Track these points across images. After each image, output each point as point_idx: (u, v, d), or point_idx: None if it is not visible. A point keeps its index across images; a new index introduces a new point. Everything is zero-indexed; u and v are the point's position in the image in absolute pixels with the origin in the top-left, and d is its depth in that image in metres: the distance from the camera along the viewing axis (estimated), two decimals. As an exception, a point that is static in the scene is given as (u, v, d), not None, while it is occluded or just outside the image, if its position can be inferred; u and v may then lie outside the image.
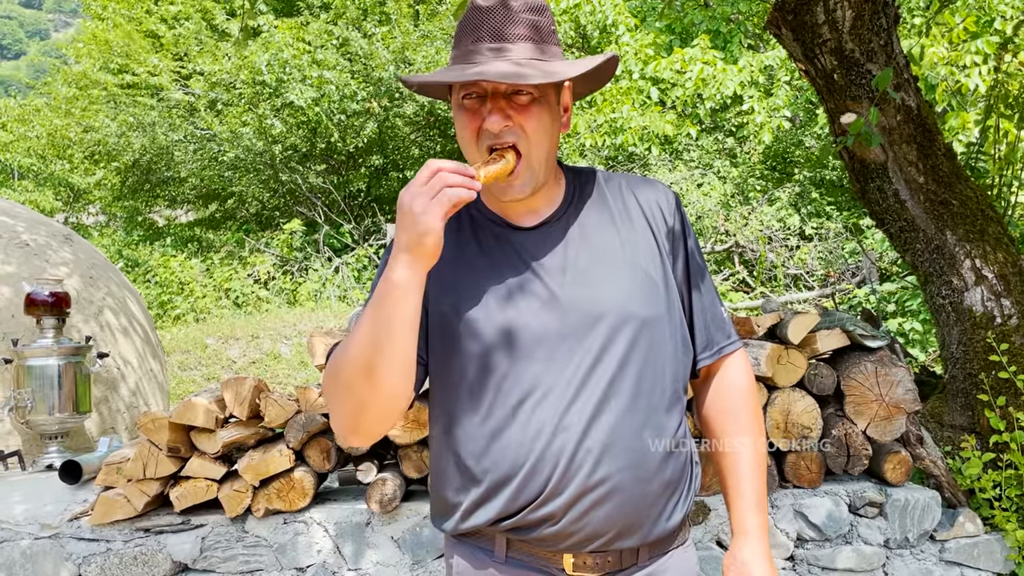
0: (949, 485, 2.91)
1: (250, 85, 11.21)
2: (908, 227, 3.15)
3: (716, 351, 1.50)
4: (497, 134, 1.32)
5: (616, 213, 1.45)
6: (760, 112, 9.92)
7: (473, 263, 1.41)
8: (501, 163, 1.29)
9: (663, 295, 1.41)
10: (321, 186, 11.92)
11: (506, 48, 1.32)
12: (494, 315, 1.35)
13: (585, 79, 1.45)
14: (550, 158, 1.39)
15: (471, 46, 1.33)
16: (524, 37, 1.32)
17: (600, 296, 1.36)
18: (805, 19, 3.01)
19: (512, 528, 1.37)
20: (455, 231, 1.45)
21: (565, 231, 1.42)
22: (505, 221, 1.44)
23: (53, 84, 14.94)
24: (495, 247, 1.42)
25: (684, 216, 1.50)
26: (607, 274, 1.38)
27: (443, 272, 1.39)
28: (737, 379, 1.53)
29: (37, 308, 3.39)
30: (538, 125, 1.33)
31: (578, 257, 1.39)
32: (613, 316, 1.35)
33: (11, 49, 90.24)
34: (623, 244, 1.41)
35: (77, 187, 13.87)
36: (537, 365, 1.33)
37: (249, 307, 9.86)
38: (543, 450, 1.31)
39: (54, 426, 3.39)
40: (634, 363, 1.35)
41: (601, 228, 1.43)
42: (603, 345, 1.34)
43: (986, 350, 3.02)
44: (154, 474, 2.58)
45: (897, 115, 3.05)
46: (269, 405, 2.67)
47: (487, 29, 1.32)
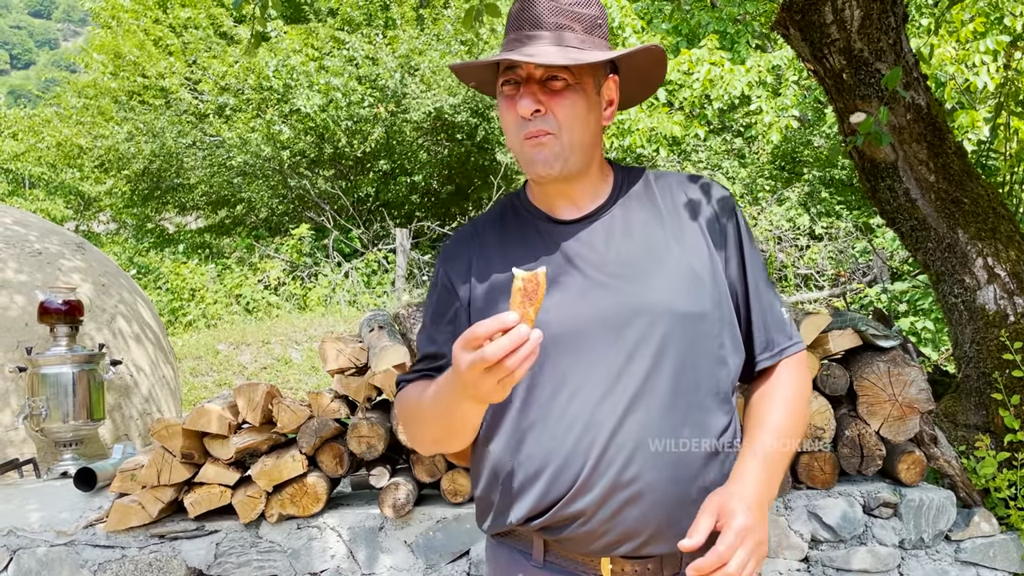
0: (964, 485, 2.90)
1: (258, 91, 11.25)
2: (919, 226, 3.14)
3: (776, 352, 1.45)
4: (529, 119, 1.33)
5: (664, 210, 1.43)
6: (769, 112, 9.90)
7: (512, 257, 1.41)
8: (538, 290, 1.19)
9: (710, 292, 1.37)
10: (330, 191, 11.96)
11: (542, 36, 1.33)
12: None
13: (634, 80, 1.46)
14: (585, 146, 1.38)
15: (512, 35, 1.35)
16: (564, 27, 1.34)
17: (638, 291, 1.34)
18: (813, 19, 3.01)
19: (544, 527, 1.35)
20: (499, 225, 1.48)
21: (608, 226, 1.41)
22: (547, 215, 1.44)
23: (63, 94, 15.03)
24: (535, 240, 1.42)
25: (739, 215, 1.47)
26: (647, 270, 1.36)
27: (483, 267, 1.42)
28: (791, 377, 1.46)
29: (50, 316, 3.41)
30: (571, 112, 1.33)
31: (618, 252, 1.38)
32: (651, 311, 1.33)
33: (21, 59, 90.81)
34: (668, 241, 1.39)
35: (88, 195, 13.96)
36: (570, 359, 1.32)
37: (260, 313, 9.89)
38: (573, 445, 1.30)
39: (68, 433, 3.41)
40: (672, 359, 1.32)
41: (646, 224, 1.41)
42: (639, 340, 1.32)
43: (999, 348, 3.00)
44: (168, 480, 2.60)
45: (907, 114, 3.04)
46: (282, 411, 2.68)
47: (528, 18, 1.35)
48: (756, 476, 1.31)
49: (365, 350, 2.82)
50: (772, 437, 1.37)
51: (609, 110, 1.42)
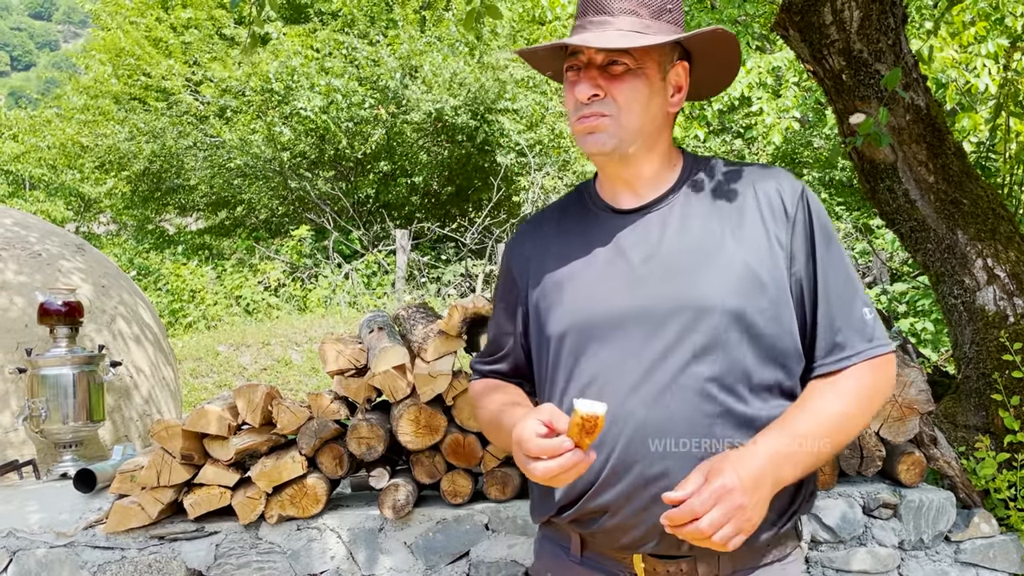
0: (964, 486, 2.90)
1: (259, 93, 11.26)
2: (919, 227, 3.14)
3: (843, 357, 1.35)
4: (586, 102, 1.33)
5: (725, 203, 1.38)
6: (770, 113, 9.90)
7: (571, 248, 1.42)
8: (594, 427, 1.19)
9: (768, 291, 1.32)
10: (330, 193, 11.96)
11: (606, 22, 1.33)
12: (575, 298, 1.37)
13: (708, 66, 1.42)
14: (646, 132, 1.36)
15: (578, 21, 1.36)
16: (628, 11, 1.33)
17: (684, 286, 1.31)
18: (812, 20, 3.01)
19: (574, 520, 1.36)
20: (561, 215, 1.50)
21: (665, 218, 1.38)
22: (608, 205, 1.44)
23: (63, 95, 15.05)
24: (592, 230, 1.43)
25: (812, 208, 1.38)
26: (698, 265, 1.32)
27: (541, 258, 1.45)
28: (857, 381, 1.35)
29: (50, 318, 3.41)
30: (631, 95, 1.32)
31: (670, 244, 1.35)
32: (695, 307, 1.29)
33: (21, 60, 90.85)
34: (724, 235, 1.35)
35: (88, 196, 13.97)
36: (608, 350, 1.32)
37: (260, 314, 9.89)
38: (602, 435, 1.26)
39: (68, 435, 3.41)
40: (714, 357, 1.28)
41: (704, 217, 1.37)
42: (679, 335, 1.29)
43: (999, 349, 3.00)
44: (168, 482, 2.59)
45: (906, 115, 3.05)
46: (281, 412, 2.68)
47: (593, 4, 1.35)
48: (764, 451, 1.23)
49: (365, 351, 2.82)
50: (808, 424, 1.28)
51: (677, 97, 1.39)
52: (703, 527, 1.14)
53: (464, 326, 2.68)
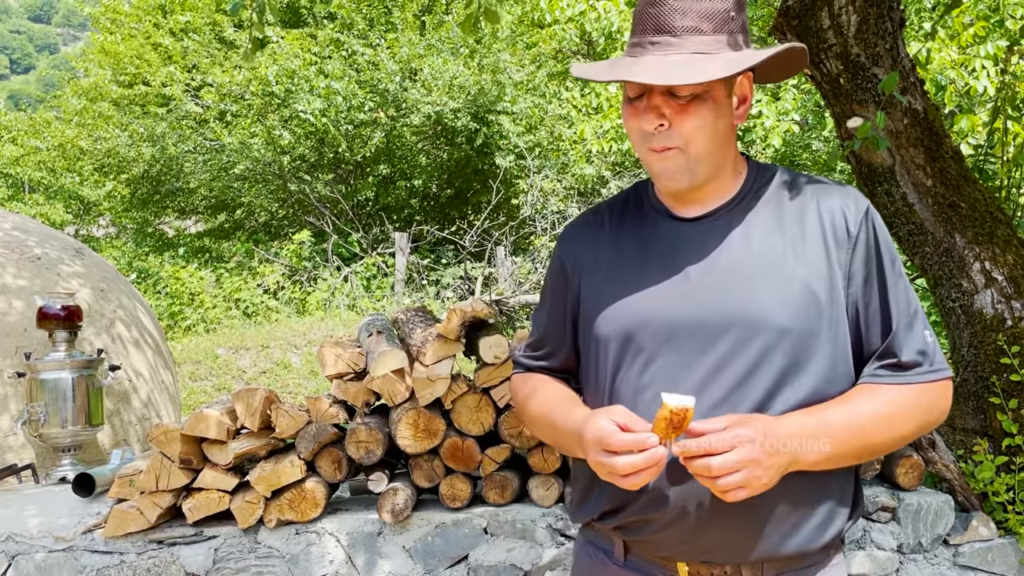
0: (962, 489, 2.90)
1: (259, 96, 11.27)
2: (917, 230, 3.15)
3: (888, 376, 1.32)
4: (652, 133, 1.29)
5: (788, 218, 1.35)
6: (769, 116, 9.91)
7: (626, 252, 1.40)
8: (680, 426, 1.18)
9: (824, 310, 1.29)
10: (329, 196, 11.97)
11: (668, 43, 1.26)
12: (628, 303, 1.34)
13: (772, 71, 1.39)
14: (714, 154, 1.32)
15: (637, 38, 1.30)
16: (692, 29, 1.25)
17: (741, 300, 1.29)
18: (810, 24, 3.02)
19: (620, 526, 1.35)
20: (619, 215, 1.46)
21: (726, 229, 1.35)
22: (668, 211, 1.40)
23: (63, 97, 15.05)
24: (650, 235, 1.39)
25: (876, 228, 1.35)
26: (756, 280, 1.30)
27: (595, 257, 1.43)
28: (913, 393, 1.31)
29: (49, 322, 3.41)
30: (698, 124, 1.27)
31: (730, 257, 1.32)
32: (750, 323, 1.27)
33: (21, 63, 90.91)
34: (785, 251, 1.32)
35: (87, 199, 13.97)
36: (661, 360, 1.30)
37: (259, 317, 9.89)
38: None
39: (67, 439, 3.41)
40: (766, 375, 1.26)
41: (766, 231, 1.34)
42: (733, 350, 1.27)
43: (997, 353, 3.00)
44: (166, 486, 2.60)
45: (904, 119, 3.05)
46: (280, 416, 2.68)
47: (652, 22, 1.27)
48: (791, 424, 1.22)
49: (364, 355, 2.82)
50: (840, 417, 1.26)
51: (742, 108, 1.34)
52: (714, 464, 1.14)
53: (463, 330, 2.68)
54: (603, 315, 1.37)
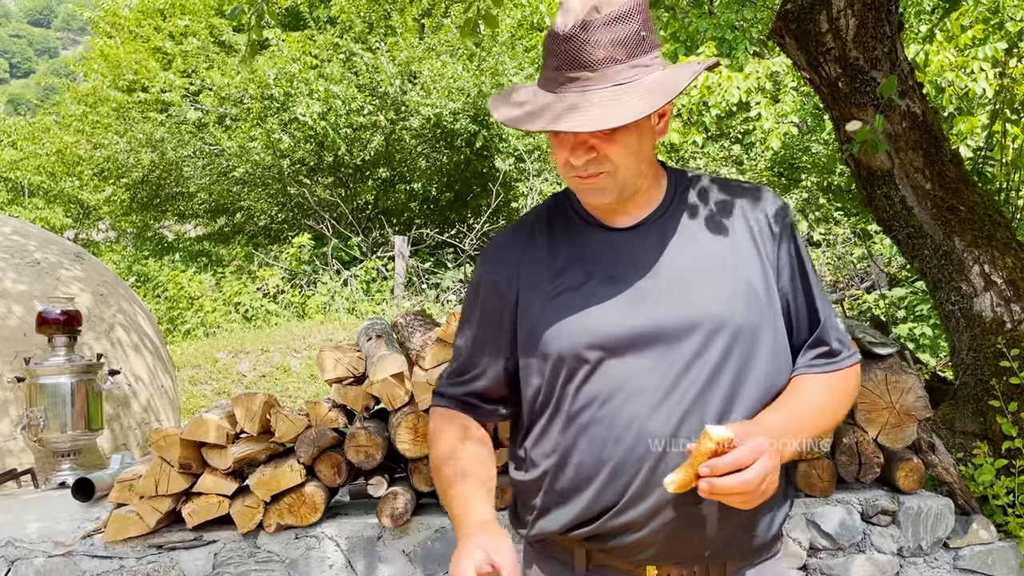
0: (962, 492, 2.90)
1: (258, 100, 11.27)
2: (916, 233, 3.15)
3: (823, 364, 1.40)
4: (581, 167, 1.29)
5: (718, 218, 1.40)
6: (768, 118, 9.91)
7: (563, 263, 1.39)
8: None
9: (764, 305, 1.35)
10: (329, 199, 11.96)
11: (587, 79, 1.25)
12: (580, 315, 1.33)
13: None
14: (641, 172, 1.34)
15: (553, 73, 1.28)
16: (607, 60, 1.25)
17: (696, 301, 1.32)
18: (809, 28, 3.02)
19: (591, 536, 1.34)
20: (547, 227, 1.44)
21: (662, 233, 1.38)
22: (599, 221, 1.40)
23: (62, 102, 15.05)
24: (586, 246, 1.39)
25: (792, 225, 1.44)
26: (704, 279, 1.34)
27: (532, 271, 1.40)
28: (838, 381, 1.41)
29: (49, 326, 3.41)
30: (623, 150, 1.28)
31: (674, 260, 1.35)
32: (709, 322, 1.30)
33: (20, 68, 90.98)
34: (722, 250, 1.37)
35: (87, 203, 13.96)
36: (625, 365, 1.30)
37: (259, 321, 9.89)
38: (626, 454, 1.28)
39: (67, 444, 3.41)
40: (729, 372, 1.30)
41: (700, 233, 1.38)
42: (696, 351, 1.30)
43: (996, 356, 3.00)
44: (166, 491, 2.60)
45: (903, 122, 3.05)
46: (280, 420, 2.68)
47: (566, 57, 1.26)
48: (773, 426, 1.27)
49: (363, 359, 2.82)
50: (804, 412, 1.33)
51: (663, 122, 1.35)
52: (750, 477, 1.16)
53: (462, 334, 2.68)
54: (553, 331, 1.34)
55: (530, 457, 1.40)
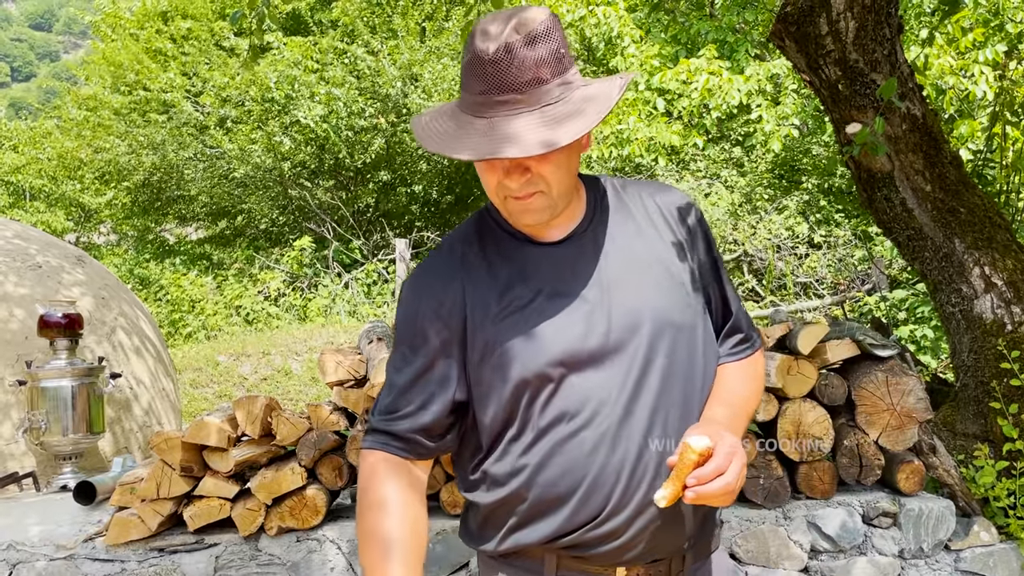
0: (963, 494, 2.90)
1: (259, 103, 11.29)
2: (916, 235, 3.15)
3: (742, 350, 1.51)
4: (517, 189, 1.29)
5: (640, 220, 1.44)
6: (768, 121, 9.92)
7: (507, 282, 1.37)
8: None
9: (693, 300, 1.41)
10: (330, 202, 11.98)
11: (516, 100, 1.25)
12: (538, 332, 1.32)
13: None
14: (571, 188, 1.36)
15: (479, 97, 1.27)
16: (533, 82, 1.25)
17: (640, 305, 1.34)
18: (808, 30, 3.03)
19: (570, 545, 1.35)
20: (477, 246, 1.42)
21: (594, 242, 1.40)
22: (529, 237, 1.40)
23: (63, 106, 15.08)
24: (523, 262, 1.38)
25: (703, 220, 1.50)
26: (642, 282, 1.37)
27: (480, 296, 1.37)
28: (753, 368, 1.54)
29: (50, 330, 3.42)
30: (557, 169, 1.29)
31: (613, 267, 1.37)
32: (652, 324, 1.34)
33: (21, 71, 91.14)
34: (652, 251, 1.41)
35: (88, 207, 13.98)
36: (587, 379, 1.32)
37: (260, 324, 9.90)
38: (602, 465, 1.30)
39: (68, 447, 3.42)
40: (678, 371, 1.35)
41: (628, 236, 1.41)
42: (647, 355, 1.33)
43: (997, 358, 3.01)
44: (167, 494, 2.60)
45: (903, 124, 3.06)
46: (281, 423, 2.68)
47: (493, 80, 1.25)
48: (725, 421, 1.36)
49: (364, 362, 2.82)
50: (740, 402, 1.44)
51: (586, 139, 1.37)
52: (730, 480, 1.22)
53: (463, 337, 2.68)
54: (511, 353, 1.33)
55: (492, 477, 1.38)
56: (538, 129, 1.23)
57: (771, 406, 2.76)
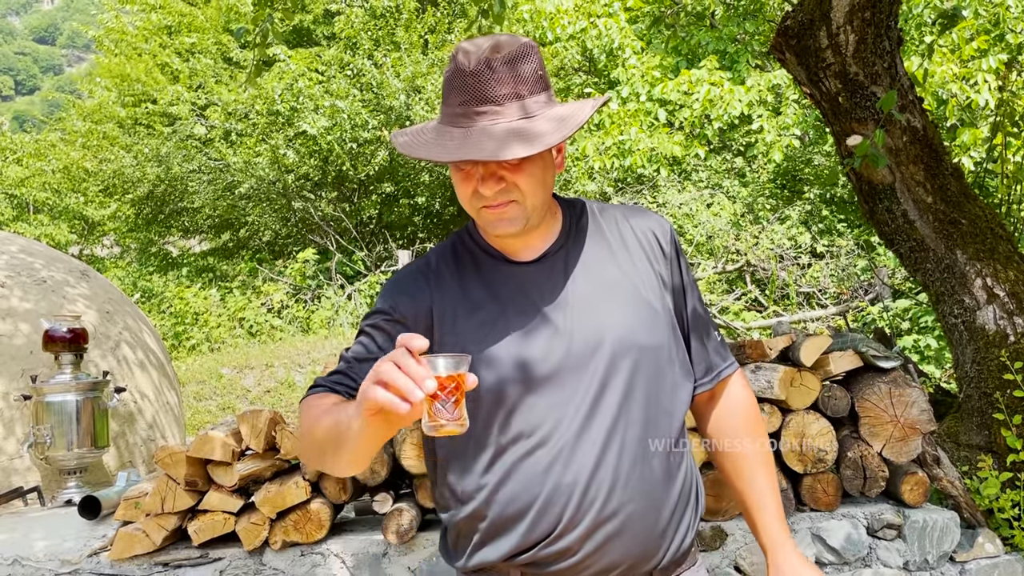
0: (967, 505, 2.89)
1: (264, 116, 11.33)
2: (918, 247, 3.16)
3: (715, 375, 1.54)
4: (491, 197, 1.33)
5: (614, 244, 1.47)
6: (770, 131, 9.95)
7: (476, 299, 1.41)
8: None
9: (664, 323, 1.43)
10: (333, 214, 12.01)
11: (494, 112, 1.30)
12: (500, 350, 1.36)
13: None
14: (545, 201, 1.39)
15: (459, 108, 1.31)
16: (511, 96, 1.31)
17: (603, 326, 1.37)
18: (808, 44, 3.04)
19: (528, 563, 1.38)
20: (453, 263, 1.47)
21: (565, 263, 1.43)
22: (503, 256, 1.45)
23: (68, 119, 15.14)
24: (494, 280, 1.43)
25: (679, 245, 1.53)
26: (609, 304, 1.40)
27: (448, 310, 1.41)
28: (738, 396, 1.58)
29: (55, 344, 3.43)
30: (531, 179, 1.33)
31: (576, 289, 1.41)
32: (615, 345, 1.36)
33: (25, 85, 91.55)
34: (623, 274, 1.44)
35: (91, 219, 14.02)
36: (545, 398, 1.35)
37: (263, 336, 9.91)
38: (556, 483, 1.33)
39: (73, 461, 3.42)
40: (639, 392, 1.37)
41: (600, 259, 1.45)
42: (607, 375, 1.35)
43: (1000, 368, 3.01)
44: (172, 508, 2.60)
45: (903, 136, 3.07)
46: (285, 437, 2.69)
47: (473, 92, 1.30)
48: (785, 530, 1.50)
49: (368, 376, 2.82)
50: (767, 473, 1.54)
51: (560, 157, 1.42)
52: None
53: (466, 350, 2.69)
54: (476, 365, 1.34)
55: (456, 495, 1.41)
56: (512, 136, 1.28)
57: (774, 418, 2.76)
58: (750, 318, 8.53)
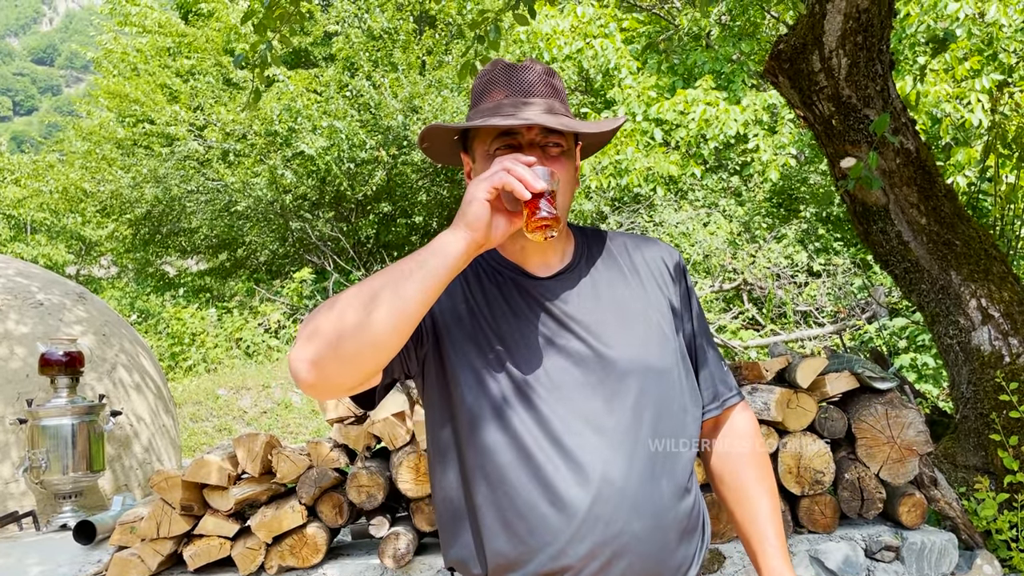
0: (965, 527, 2.89)
1: (262, 136, 11.37)
2: (912, 268, 3.17)
3: (721, 403, 1.55)
4: None
5: (625, 268, 1.50)
6: (766, 150, 9.99)
7: (493, 307, 1.43)
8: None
9: (674, 348, 1.45)
10: (330, 234, 12.02)
11: (536, 104, 1.39)
12: (511, 362, 1.37)
13: (598, 140, 1.54)
14: (567, 210, 1.43)
15: (504, 99, 1.39)
16: (548, 95, 1.41)
17: (615, 345, 1.38)
18: (801, 67, 3.06)
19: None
20: (476, 280, 1.47)
21: (577, 284, 1.45)
22: (521, 270, 1.46)
23: (66, 139, 15.17)
24: (513, 292, 1.44)
25: (687, 274, 1.56)
26: (621, 324, 1.41)
27: (464, 318, 1.42)
28: (743, 426, 1.58)
29: (51, 368, 3.43)
30: (566, 175, 1.39)
31: (590, 309, 1.42)
32: (626, 365, 1.37)
33: (23, 105, 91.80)
34: (634, 297, 1.46)
35: (89, 240, 14.02)
36: (553, 413, 1.34)
37: (260, 356, 9.89)
38: (562, 499, 1.32)
39: (68, 485, 3.41)
40: (650, 414, 1.37)
41: (613, 281, 1.47)
42: (617, 394, 1.36)
43: (996, 389, 3.01)
44: (167, 533, 2.59)
45: (896, 158, 3.09)
46: (281, 461, 2.68)
47: (516, 85, 1.40)
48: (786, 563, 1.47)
49: (364, 399, 2.82)
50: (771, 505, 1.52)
51: (577, 173, 1.47)
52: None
53: (463, 373, 2.69)
54: (489, 377, 1.37)
55: (469, 504, 1.41)
56: (558, 117, 1.38)
57: (771, 439, 2.76)
58: (747, 337, 8.52)
